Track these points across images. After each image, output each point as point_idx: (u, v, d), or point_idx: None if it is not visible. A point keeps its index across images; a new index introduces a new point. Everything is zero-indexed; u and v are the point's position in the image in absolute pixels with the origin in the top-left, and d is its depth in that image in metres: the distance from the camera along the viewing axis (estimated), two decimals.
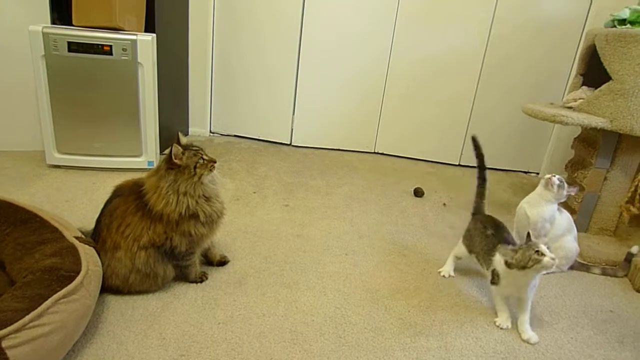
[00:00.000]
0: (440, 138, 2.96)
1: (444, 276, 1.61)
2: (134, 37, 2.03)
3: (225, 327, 1.23)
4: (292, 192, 2.21)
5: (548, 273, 1.72)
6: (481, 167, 1.69)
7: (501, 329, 1.37)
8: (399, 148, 3.01)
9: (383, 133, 2.99)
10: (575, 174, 2.09)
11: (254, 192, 2.15)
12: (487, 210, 1.62)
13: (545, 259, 1.24)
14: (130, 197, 1.26)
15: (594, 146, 2.00)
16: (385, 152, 3.03)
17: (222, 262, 1.51)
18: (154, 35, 2.11)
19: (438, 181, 2.64)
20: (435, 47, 2.77)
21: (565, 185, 1.64)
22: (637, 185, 1.94)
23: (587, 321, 1.46)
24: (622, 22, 1.86)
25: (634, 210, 1.94)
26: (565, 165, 2.25)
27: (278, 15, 2.77)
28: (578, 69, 2.16)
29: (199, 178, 1.26)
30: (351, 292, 1.45)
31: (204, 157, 1.28)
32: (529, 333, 1.34)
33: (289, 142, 3.00)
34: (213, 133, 3.05)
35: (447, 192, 2.46)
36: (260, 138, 3.00)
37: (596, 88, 1.94)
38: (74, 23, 2.02)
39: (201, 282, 1.40)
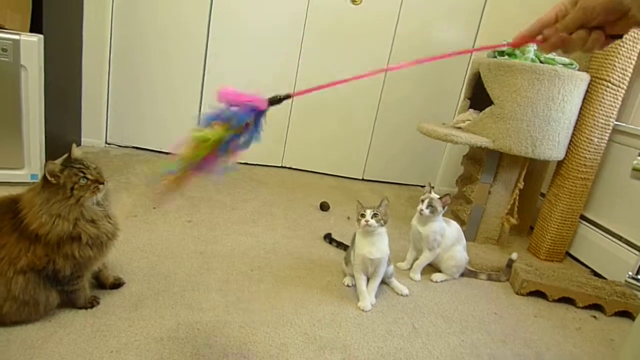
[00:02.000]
0: (345, 153, 3.06)
1: (347, 285, 1.66)
2: (16, 37, 1.83)
3: (118, 355, 1.14)
4: (196, 207, 2.13)
5: (443, 281, 1.85)
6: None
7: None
8: (306, 162, 3.06)
9: (290, 147, 3.01)
10: (464, 189, 2.28)
11: (154, 208, 2.04)
12: (391, 224, 1.72)
13: (362, 222, 1.51)
14: (5, 216, 1.12)
15: (480, 163, 2.21)
16: (293, 167, 3.06)
17: (117, 285, 1.40)
18: (41, 36, 1.92)
19: (342, 195, 2.72)
20: (338, 70, 2.86)
21: (437, 201, 1.76)
22: (515, 198, 2.17)
23: (476, 324, 1.59)
24: (502, 53, 2.09)
25: (512, 220, 2.17)
26: (456, 181, 2.45)
27: (182, 24, 2.68)
28: (465, 93, 2.38)
29: (77, 200, 1.12)
30: (256, 309, 1.43)
31: (88, 176, 1.14)
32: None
33: None
34: (109, 144, 2.84)
35: (351, 206, 2.53)
36: (163, 150, 2.86)
37: (481, 111, 2.15)
38: None
39: (92, 307, 1.27)
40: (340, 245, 1.98)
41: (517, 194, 2.17)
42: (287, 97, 0.99)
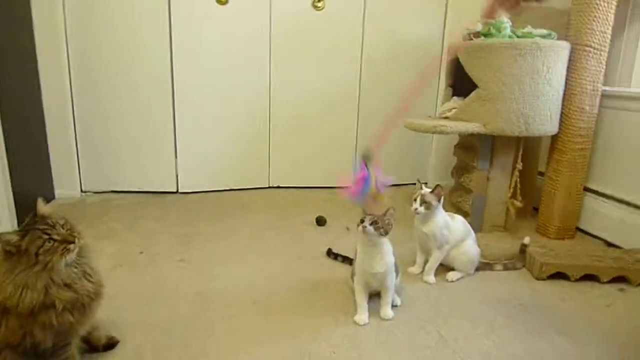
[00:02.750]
0: (332, 164, 2.95)
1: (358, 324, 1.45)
2: None
3: None
4: (187, 244, 1.99)
5: (458, 279, 1.74)
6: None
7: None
8: (294, 179, 2.94)
9: (275, 166, 2.90)
10: (462, 179, 2.19)
11: (141, 252, 1.89)
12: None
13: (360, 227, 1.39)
14: None
15: (473, 150, 2.12)
16: (280, 185, 2.94)
17: (110, 345, 1.25)
18: None
19: (337, 207, 2.60)
20: (313, 79, 2.78)
21: (430, 195, 1.66)
22: (516, 180, 2.09)
23: (503, 319, 1.48)
24: (477, 34, 2.02)
25: (517, 203, 2.09)
26: (451, 172, 2.36)
27: (145, 58, 2.56)
28: (446, 81, 2.31)
29: (45, 266, 0.98)
30: (270, 343, 1.30)
31: (54, 237, 1.00)
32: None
33: (175, 190, 2.76)
34: (85, 192, 2.68)
35: (348, 216, 2.42)
36: (142, 190, 2.72)
37: (465, 97, 2.07)
38: None
39: None
40: (345, 259, 1.86)
41: (517, 176, 2.08)
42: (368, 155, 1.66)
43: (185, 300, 1.53)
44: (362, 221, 1.38)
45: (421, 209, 1.65)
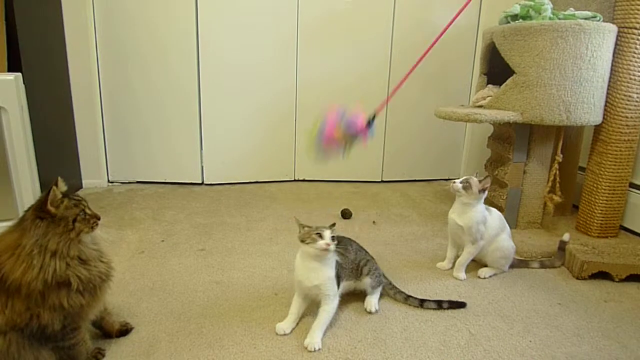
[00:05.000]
0: (359, 156, 2.87)
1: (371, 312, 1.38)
2: None
3: None
4: (208, 234, 1.96)
5: (491, 276, 1.64)
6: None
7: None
8: (319, 172, 2.88)
9: (301, 159, 2.84)
10: (496, 172, 2.07)
11: (162, 241, 1.87)
12: (419, 222, 1.53)
13: (320, 242, 1.20)
14: None
15: (509, 142, 2.00)
16: (306, 179, 2.88)
17: (124, 331, 1.22)
18: (19, 74, 1.79)
19: (363, 200, 2.53)
20: (340, 69, 2.72)
21: (475, 180, 1.57)
22: (555, 173, 1.95)
23: (540, 319, 1.37)
24: (515, 17, 1.90)
25: (556, 198, 1.95)
26: (485, 165, 2.24)
27: (171, 50, 2.55)
28: (481, 68, 2.19)
29: (77, 235, 0.99)
30: (286, 338, 1.23)
31: (86, 210, 1.02)
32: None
33: (200, 182, 2.74)
34: (112, 182, 2.70)
35: (375, 210, 2.34)
36: (167, 181, 2.71)
37: (500, 85, 1.95)
38: None
39: None
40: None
41: (556, 169, 1.95)
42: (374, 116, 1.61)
43: (203, 289, 1.49)
44: (319, 236, 1.21)
45: (459, 186, 1.56)
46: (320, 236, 1.21)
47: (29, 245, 0.94)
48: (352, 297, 1.45)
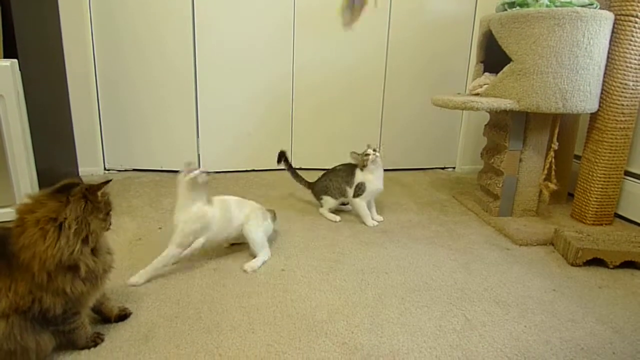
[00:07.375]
0: (355, 145, 2.86)
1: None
2: None
3: None
4: None
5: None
6: (295, 175, 2.22)
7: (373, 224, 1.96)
8: (316, 161, 2.87)
9: (298, 147, 2.84)
10: (492, 160, 2.08)
11: (160, 228, 1.87)
12: (415, 210, 1.54)
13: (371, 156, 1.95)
14: None
15: (505, 130, 2.01)
16: (303, 167, 2.87)
17: (123, 316, 1.23)
18: (15, 60, 1.78)
19: None
20: (337, 56, 2.70)
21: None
22: (551, 161, 1.96)
23: (535, 305, 1.39)
24: (512, 4, 1.89)
25: (552, 186, 1.97)
26: (481, 153, 2.24)
27: (168, 36, 2.53)
28: (477, 56, 2.18)
29: (107, 227, 1.09)
30: (284, 324, 1.24)
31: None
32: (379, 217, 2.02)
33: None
34: (108, 170, 2.69)
35: None
36: (164, 169, 2.70)
37: (497, 73, 1.95)
38: None
39: (95, 346, 1.10)
40: (291, 169, 2.17)
41: (552, 156, 1.96)
42: None
43: (201, 275, 1.49)
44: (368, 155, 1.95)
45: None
46: (368, 155, 1.95)
47: (71, 217, 0.96)
48: (349, 284, 1.46)
